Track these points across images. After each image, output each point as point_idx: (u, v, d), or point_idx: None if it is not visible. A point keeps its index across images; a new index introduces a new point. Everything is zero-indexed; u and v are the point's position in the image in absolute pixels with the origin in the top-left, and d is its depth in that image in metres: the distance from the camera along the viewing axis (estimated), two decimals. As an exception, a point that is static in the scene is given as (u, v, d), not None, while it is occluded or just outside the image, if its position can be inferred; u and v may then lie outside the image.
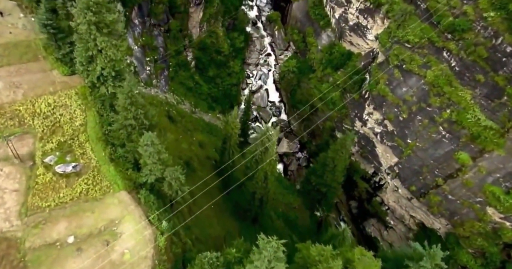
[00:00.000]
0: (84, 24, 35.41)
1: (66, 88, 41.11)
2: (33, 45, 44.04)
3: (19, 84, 40.40)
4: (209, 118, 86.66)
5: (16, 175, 34.77)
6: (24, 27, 45.52)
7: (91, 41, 37.13)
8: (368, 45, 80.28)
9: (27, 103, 38.97)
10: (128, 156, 38.77)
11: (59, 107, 39.42)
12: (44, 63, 42.86)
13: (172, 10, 78.88)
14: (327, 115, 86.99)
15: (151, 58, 74.00)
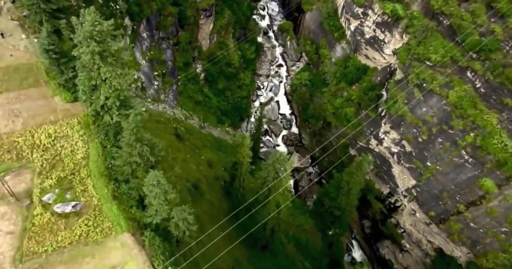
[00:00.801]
0: (87, 54, 32.74)
1: (68, 116, 38.53)
2: (34, 68, 41.57)
3: (19, 113, 37.93)
4: (218, 132, 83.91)
5: (11, 216, 32.21)
6: (25, 49, 43.10)
7: (94, 71, 34.46)
8: (385, 59, 76.88)
9: (26, 133, 36.44)
10: (132, 192, 36.08)
11: (60, 138, 36.83)
12: (45, 88, 40.35)
13: (182, 22, 76.31)
14: (340, 131, 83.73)
15: (159, 72, 71.41)
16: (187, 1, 74.69)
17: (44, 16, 43.16)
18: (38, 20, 43.39)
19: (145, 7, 64.51)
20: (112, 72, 34.22)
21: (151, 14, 66.43)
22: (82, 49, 32.79)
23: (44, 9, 42.52)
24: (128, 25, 63.11)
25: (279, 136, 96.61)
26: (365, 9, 77.62)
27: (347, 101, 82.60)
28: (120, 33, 35.08)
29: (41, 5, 42.18)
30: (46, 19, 43.35)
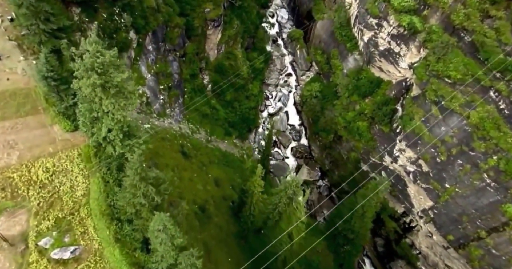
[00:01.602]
0: (87, 87, 29.97)
1: (68, 148, 35.85)
2: (32, 94, 38.91)
3: (15, 144, 35.29)
4: (226, 146, 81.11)
5: (4, 263, 29.58)
6: (23, 72, 40.43)
7: (96, 103, 31.70)
8: (400, 73, 73.60)
9: (22, 168, 33.80)
10: (136, 234, 33.36)
11: (58, 172, 34.16)
12: (44, 116, 37.69)
13: (189, 33, 73.46)
14: (352, 145, 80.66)
15: (165, 86, 68.64)
16: (195, 12, 71.83)
17: (43, 36, 40.51)
18: (37, 41, 40.70)
19: (151, 20, 61.71)
20: (115, 104, 31.43)
21: (157, 27, 63.59)
22: (83, 81, 30.02)
23: (44, 29, 39.87)
24: (133, 39, 60.38)
25: (288, 147, 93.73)
26: (379, 21, 74.36)
27: (359, 115, 79.42)
28: (123, 63, 32.22)
29: (40, 25, 39.51)
30: (46, 40, 40.72)
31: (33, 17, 38.96)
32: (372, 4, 75.09)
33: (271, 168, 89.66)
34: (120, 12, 56.14)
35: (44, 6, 38.43)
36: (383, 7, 72.88)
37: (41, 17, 39.22)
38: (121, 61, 31.80)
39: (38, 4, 38.05)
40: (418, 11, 67.66)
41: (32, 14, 38.56)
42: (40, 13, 38.89)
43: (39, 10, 38.47)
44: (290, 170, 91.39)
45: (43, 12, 38.80)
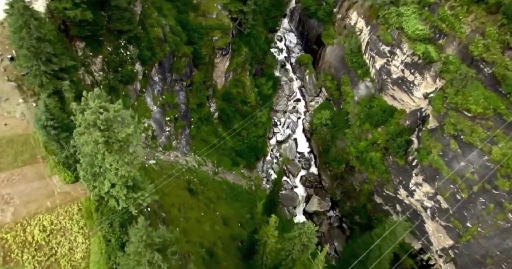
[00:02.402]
0: (89, 144, 27.35)
1: (67, 202, 33.08)
2: (31, 140, 36.39)
3: (10, 199, 32.57)
4: (233, 177, 78.21)
5: None
6: (22, 116, 38.03)
7: (98, 158, 29.02)
8: (415, 102, 70.83)
9: (16, 227, 30.97)
10: (140, 302, 30.20)
11: (56, 232, 31.29)
12: (42, 166, 35.06)
13: (196, 62, 71.47)
14: (364, 177, 77.51)
15: (171, 117, 66.23)
16: (202, 40, 69.92)
17: (44, 78, 38.20)
18: (38, 82, 38.38)
19: (158, 51, 59.70)
20: (119, 160, 28.73)
21: (164, 57, 61.56)
22: (84, 137, 27.41)
23: (45, 70, 37.58)
24: (139, 71, 58.25)
25: (297, 176, 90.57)
26: (392, 48, 72.07)
27: (372, 145, 76.43)
28: (129, 114, 29.65)
29: (41, 67, 37.23)
30: (47, 82, 38.40)
31: (34, 58, 36.76)
32: (385, 31, 72.96)
33: (280, 198, 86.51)
34: (125, 45, 54.15)
35: (46, 46, 36.25)
36: (396, 35, 70.69)
37: (42, 58, 37.03)
38: (126, 112, 29.20)
39: (39, 44, 35.89)
40: (433, 40, 65.34)
41: (32, 55, 36.36)
42: (41, 54, 36.70)
43: (40, 51, 36.30)
44: (299, 201, 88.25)
45: (44, 53, 36.58)
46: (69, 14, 42.51)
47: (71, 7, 42.25)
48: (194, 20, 69.14)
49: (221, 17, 69.42)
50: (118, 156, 28.52)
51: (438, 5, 64.37)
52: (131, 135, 28.32)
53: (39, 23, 34.95)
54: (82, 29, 45.74)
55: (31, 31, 34.66)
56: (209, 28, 69.33)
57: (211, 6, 69.65)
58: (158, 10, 65.08)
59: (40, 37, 35.24)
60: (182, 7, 69.21)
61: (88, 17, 43.46)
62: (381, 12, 72.79)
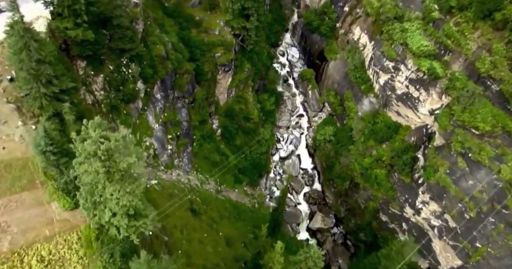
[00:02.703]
0: (89, 174, 26.25)
1: (66, 230, 31.86)
2: (30, 165, 35.34)
3: (7, 227, 31.38)
4: (236, 195, 76.89)
5: None
6: (21, 139, 37.03)
7: (98, 187, 27.89)
8: (420, 119, 69.80)
9: (13, 257, 29.70)
10: None
11: (54, 262, 30.01)
12: (41, 192, 33.94)
13: (198, 78, 70.77)
14: (369, 194, 76.11)
15: (173, 135, 65.28)
16: (205, 56, 69.32)
17: (44, 100, 37.29)
18: (38, 105, 37.46)
19: (160, 68, 59.02)
20: (120, 190, 27.58)
21: (166, 75, 60.83)
22: (84, 167, 26.32)
23: (45, 93, 36.68)
24: (141, 89, 57.48)
25: (301, 193, 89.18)
26: (396, 64, 71.37)
27: (376, 161, 75.20)
28: (132, 141, 28.60)
29: (41, 89, 36.34)
30: (47, 104, 37.48)
31: (34, 80, 35.95)
32: (389, 46, 72.34)
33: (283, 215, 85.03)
34: (127, 63, 53.48)
35: (46, 68, 35.43)
36: (400, 50, 70.06)
37: (42, 80, 36.22)
38: (129, 139, 28.13)
39: (39, 67, 35.08)
40: (438, 56, 64.60)
41: (32, 77, 35.55)
42: (41, 76, 35.88)
43: (40, 73, 35.49)
44: (303, 218, 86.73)
45: (44, 75, 35.76)
46: (70, 34, 41.88)
47: (72, 27, 41.64)
48: (196, 37, 68.66)
49: (224, 33, 68.96)
50: (119, 186, 27.39)
51: (443, 21, 63.82)
52: (133, 164, 27.18)
53: (40, 45, 34.14)
54: (83, 48, 45.06)
55: (31, 53, 33.88)
56: (211, 44, 68.80)
57: (214, 23, 69.25)
58: (160, 26, 64.66)
59: (40, 59, 34.45)
60: (184, 24, 68.81)
61: (89, 37, 42.80)
62: (385, 27, 72.30)
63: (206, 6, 68.88)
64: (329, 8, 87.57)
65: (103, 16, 45.78)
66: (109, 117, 53.91)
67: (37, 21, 44.09)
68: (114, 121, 54.77)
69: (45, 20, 44.33)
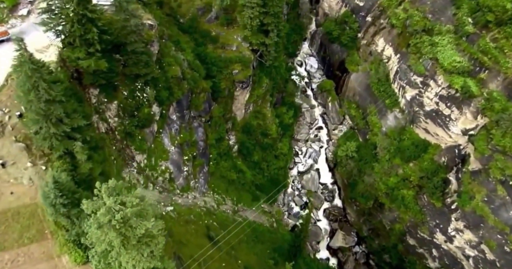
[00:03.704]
0: (101, 243, 23.21)
1: (79, 289, 28.94)
2: (39, 212, 32.60)
3: (14, 287, 28.65)
4: (254, 214, 73.71)
5: None
6: (30, 182, 34.31)
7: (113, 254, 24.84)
8: (451, 138, 65.49)
9: None
10: None
11: None
12: (51, 243, 31.19)
13: (215, 95, 67.55)
14: (396, 215, 72.18)
15: (189, 156, 62.29)
16: (222, 73, 66.03)
17: (55, 140, 34.44)
18: (48, 145, 34.64)
19: (176, 90, 55.94)
20: (136, 257, 24.49)
21: (182, 95, 57.72)
22: (96, 235, 23.27)
23: (55, 133, 33.81)
24: (156, 112, 54.45)
25: (320, 209, 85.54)
26: (425, 79, 67.13)
27: (403, 181, 71.17)
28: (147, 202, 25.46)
29: (51, 129, 33.46)
30: (57, 144, 34.62)
31: (43, 120, 33.04)
32: (416, 60, 68.10)
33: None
34: (142, 87, 50.45)
35: (56, 108, 32.54)
36: (430, 65, 65.81)
37: (52, 120, 33.32)
38: (145, 204, 24.97)
39: (49, 107, 32.16)
40: (472, 73, 60.30)
41: (41, 117, 32.65)
42: (51, 116, 32.97)
43: (49, 113, 32.57)
44: (323, 235, 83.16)
45: (54, 115, 32.84)
46: (82, 65, 38.98)
47: (84, 57, 38.67)
48: (213, 53, 65.36)
49: (242, 49, 65.46)
50: (135, 252, 24.29)
51: (478, 35, 59.42)
52: (151, 228, 24.06)
53: (49, 85, 31.19)
54: (96, 77, 42.16)
55: (40, 94, 31.00)
56: (228, 61, 65.44)
57: (231, 38, 65.79)
58: (176, 44, 61.51)
59: (50, 99, 31.51)
60: (200, 40, 65.57)
61: (102, 66, 39.85)
62: (412, 40, 68.05)
63: (223, 21, 65.39)
64: (350, 18, 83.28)
65: (117, 41, 42.78)
66: (123, 143, 51.14)
67: (48, 50, 41.33)
68: (128, 147, 51.98)
69: (56, 49, 41.51)
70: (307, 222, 60.05)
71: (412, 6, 69.40)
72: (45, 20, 36.99)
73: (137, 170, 52.92)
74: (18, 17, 44.74)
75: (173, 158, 59.15)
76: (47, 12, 36.95)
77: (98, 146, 44.97)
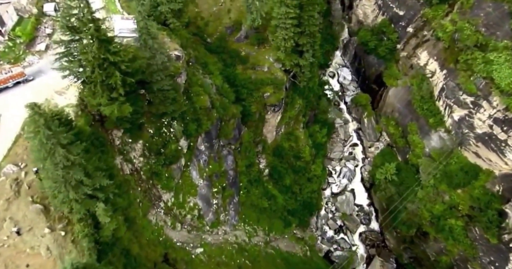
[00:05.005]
0: None
1: None
2: (58, 291, 28.76)
3: None
4: (286, 243, 69.50)
5: None
6: (48, 253, 30.50)
7: None
8: (508, 165, 58.88)
9: None
10: None
11: None
12: None
13: (245, 119, 63.03)
14: (442, 246, 66.19)
15: (219, 188, 58.19)
16: (252, 96, 61.42)
17: (75, 203, 30.54)
18: (67, 209, 30.79)
19: (205, 121, 51.61)
20: None
21: (211, 125, 53.34)
22: None
23: (74, 197, 29.88)
24: (183, 147, 50.26)
25: (356, 233, 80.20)
26: (476, 99, 60.61)
27: (450, 209, 65.03)
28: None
29: (70, 194, 29.54)
30: (78, 207, 30.72)
31: (61, 186, 29.12)
32: (467, 78, 61.50)
33: (336, 258, 76.80)
34: (169, 122, 46.27)
35: (76, 173, 28.51)
36: (482, 84, 59.23)
37: (72, 183, 29.38)
38: None
39: (67, 172, 28.17)
40: (535, 97, 53.53)
41: (59, 183, 28.74)
42: (70, 180, 29.02)
43: (68, 178, 28.60)
44: (359, 261, 77.92)
45: (74, 179, 28.87)
46: (104, 112, 34.89)
47: (106, 103, 34.55)
48: (242, 74, 60.67)
49: (274, 70, 60.35)
50: None
51: (543, 54, 52.53)
52: None
53: (67, 149, 27.15)
54: (120, 121, 38.07)
55: (56, 160, 27.01)
56: (259, 83, 60.58)
57: (262, 58, 60.75)
58: (203, 66, 57.16)
59: (68, 165, 27.50)
60: (229, 60, 60.93)
61: (126, 112, 35.80)
62: (462, 56, 61.42)
63: (253, 40, 60.34)
64: (388, 28, 76.78)
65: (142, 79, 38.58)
66: (149, 183, 47.23)
67: (67, 91, 37.51)
68: (155, 186, 48.08)
69: (76, 89, 37.63)
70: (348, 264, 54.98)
71: (462, 18, 62.52)
72: (63, 65, 33.00)
73: (164, 211, 49.07)
74: (36, 53, 41.20)
75: (201, 192, 55.07)
76: (66, 56, 32.96)
77: (123, 190, 41.21)
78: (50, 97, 36.30)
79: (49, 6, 47.22)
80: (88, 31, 30.72)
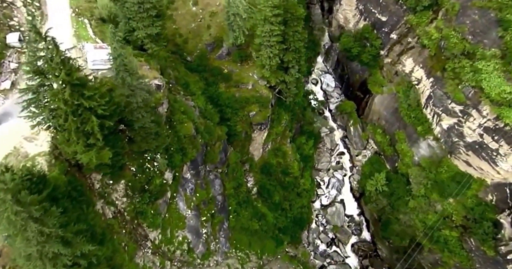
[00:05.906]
0: None
1: None
2: None
3: None
4: (280, 264, 66.98)
5: None
6: None
7: None
8: (500, 174, 58.18)
9: None
10: None
11: None
12: None
13: (231, 139, 59.84)
14: (437, 258, 65.28)
15: (208, 216, 54.95)
16: (237, 115, 58.26)
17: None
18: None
19: (189, 149, 48.14)
20: None
21: (196, 153, 49.87)
22: None
23: (54, 268, 26.11)
24: (168, 179, 46.65)
25: (348, 244, 78.66)
26: (465, 108, 59.53)
27: (444, 219, 64.08)
28: None
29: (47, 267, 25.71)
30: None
31: (38, 259, 25.31)
32: (455, 87, 60.25)
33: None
34: (152, 157, 42.54)
35: (52, 246, 24.74)
36: (471, 93, 58.15)
37: (48, 255, 25.55)
38: None
39: (42, 246, 24.41)
40: (527, 107, 52.61)
41: (33, 259, 24.91)
42: (47, 252, 25.23)
43: (44, 252, 24.82)
44: (352, 274, 76.59)
45: (50, 252, 25.10)
46: (81, 160, 31.01)
47: (82, 150, 30.65)
48: (226, 93, 57.32)
49: (258, 88, 57.19)
50: None
51: (533, 63, 51.58)
52: None
53: (42, 222, 23.36)
54: (99, 167, 34.18)
55: (28, 236, 23.19)
56: (244, 101, 57.40)
57: (245, 76, 57.49)
58: (184, 87, 53.52)
59: (43, 240, 23.72)
60: (211, 78, 57.39)
61: (106, 158, 32.02)
62: (450, 65, 60.11)
63: (236, 57, 56.92)
64: (371, 34, 74.77)
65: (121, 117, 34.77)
66: (134, 223, 43.51)
67: (38, 137, 33.29)
68: (140, 226, 44.37)
69: (48, 134, 33.46)
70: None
71: (447, 25, 61.10)
72: (30, 114, 28.86)
73: (152, 250, 45.47)
74: (0, 93, 36.47)
75: (190, 224, 51.68)
76: (34, 103, 28.83)
77: (106, 238, 37.45)
78: (19, 145, 32.10)
79: (13, 36, 42.09)
80: (59, 76, 26.74)
